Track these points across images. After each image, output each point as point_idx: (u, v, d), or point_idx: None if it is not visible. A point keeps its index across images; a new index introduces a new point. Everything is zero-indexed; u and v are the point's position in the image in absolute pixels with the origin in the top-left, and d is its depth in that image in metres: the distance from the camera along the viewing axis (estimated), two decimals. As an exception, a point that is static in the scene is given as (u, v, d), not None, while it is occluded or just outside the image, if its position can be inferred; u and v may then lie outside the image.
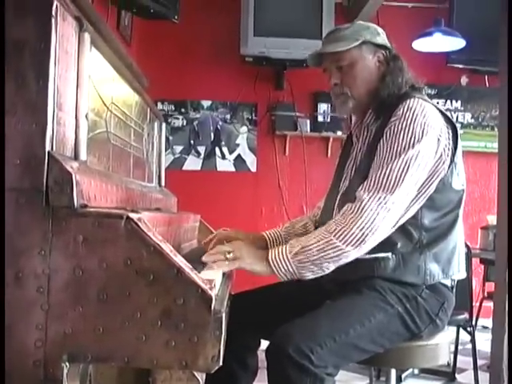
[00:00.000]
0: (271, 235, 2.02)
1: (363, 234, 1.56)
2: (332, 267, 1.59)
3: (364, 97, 1.80)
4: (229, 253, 1.58)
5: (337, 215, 1.64)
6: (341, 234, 1.56)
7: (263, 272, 1.60)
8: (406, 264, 1.66)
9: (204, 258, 1.58)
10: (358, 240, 1.56)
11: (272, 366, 1.51)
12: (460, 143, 1.71)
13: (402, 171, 1.60)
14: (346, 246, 1.56)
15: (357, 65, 1.79)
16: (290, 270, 1.58)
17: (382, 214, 1.57)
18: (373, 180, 1.62)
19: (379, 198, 1.58)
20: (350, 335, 1.56)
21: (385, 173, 1.61)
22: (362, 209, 1.57)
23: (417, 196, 1.65)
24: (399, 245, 1.67)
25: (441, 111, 1.72)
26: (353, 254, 1.58)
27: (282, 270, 1.58)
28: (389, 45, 1.84)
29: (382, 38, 1.83)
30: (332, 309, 1.64)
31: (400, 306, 1.65)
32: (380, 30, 1.86)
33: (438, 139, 1.65)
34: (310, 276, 1.60)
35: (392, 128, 1.65)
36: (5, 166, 1.14)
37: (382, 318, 1.61)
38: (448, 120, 1.72)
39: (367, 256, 1.65)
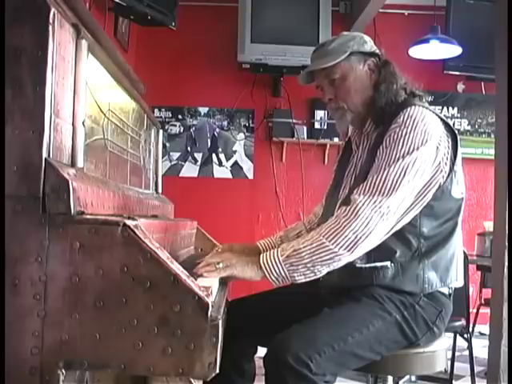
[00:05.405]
0: (265, 245, 2.03)
1: (356, 237, 1.54)
2: (324, 271, 1.58)
3: (360, 107, 1.80)
4: (218, 263, 1.57)
5: (330, 218, 1.62)
6: (334, 237, 1.55)
7: (255, 276, 1.57)
8: (405, 273, 1.66)
9: (194, 270, 1.57)
10: (351, 243, 1.54)
11: (270, 373, 1.50)
12: (460, 151, 1.71)
13: (399, 177, 1.59)
14: (339, 249, 1.54)
15: (348, 77, 1.78)
16: (282, 273, 1.56)
17: (376, 218, 1.56)
18: (369, 184, 1.61)
19: (374, 202, 1.57)
20: (349, 343, 1.55)
21: (381, 177, 1.60)
22: (357, 212, 1.56)
23: (413, 203, 1.64)
24: (398, 253, 1.66)
25: (442, 119, 1.71)
26: (345, 257, 1.56)
27: (274, 273, 1.56)
28: (377, 51, 1.83)
29: (369, 46, 1.83)
30: (330, 317, 1.63)
31: (398, 313, 1.64)
32: (366, 37, 1.85)
33: (437, 147, 1.65)
34: (302, 279, 1.58)
35: (392, 135, 1.64)
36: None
37: (380, 326, 1.61)
38: (448, 128, 1.71)
39: (366, 265, 1.65)
